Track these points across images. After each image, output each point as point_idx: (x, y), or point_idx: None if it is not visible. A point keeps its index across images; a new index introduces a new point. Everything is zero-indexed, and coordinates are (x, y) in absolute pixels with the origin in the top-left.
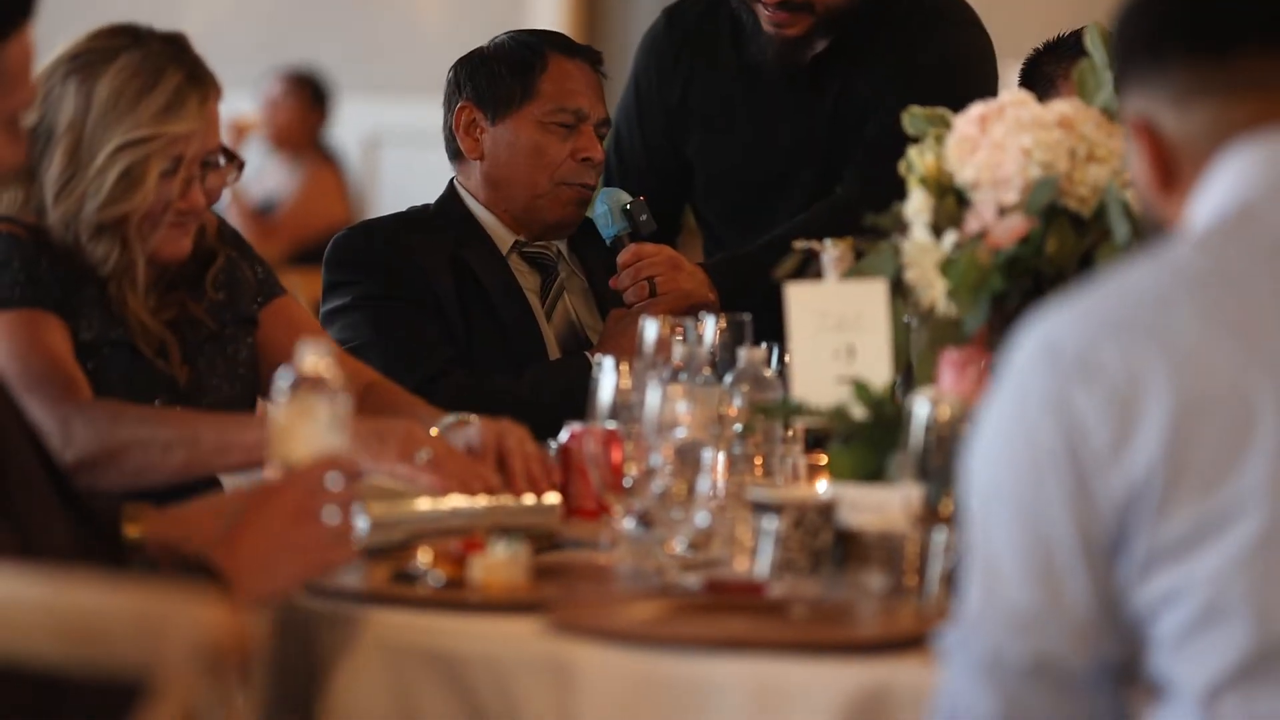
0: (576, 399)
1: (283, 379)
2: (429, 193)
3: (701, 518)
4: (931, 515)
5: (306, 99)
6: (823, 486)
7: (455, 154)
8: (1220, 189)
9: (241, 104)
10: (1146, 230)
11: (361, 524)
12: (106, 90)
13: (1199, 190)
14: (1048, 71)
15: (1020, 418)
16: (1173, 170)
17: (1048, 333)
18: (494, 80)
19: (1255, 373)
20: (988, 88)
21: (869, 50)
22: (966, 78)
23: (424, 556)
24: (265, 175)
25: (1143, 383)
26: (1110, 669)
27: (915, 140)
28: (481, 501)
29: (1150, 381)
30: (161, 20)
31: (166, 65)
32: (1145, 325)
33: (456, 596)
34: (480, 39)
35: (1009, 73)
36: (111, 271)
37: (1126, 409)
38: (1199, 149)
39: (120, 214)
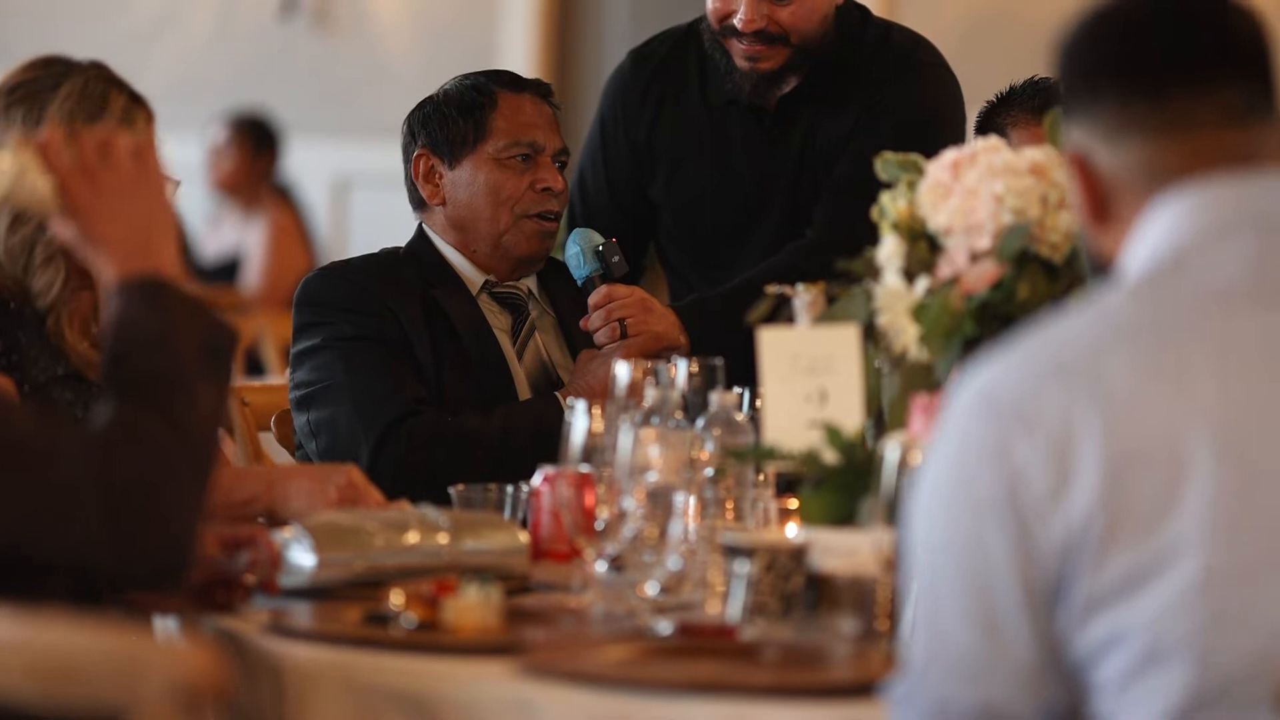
0: (548, 439)
1: None
2: (399, 235)
3: (673, 561)
4: (903, 560)
5: (249, 145)
6: (794, 531)
7: (419, 203)
8: (1153, 236)
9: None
10: (1086, 261)
11: (310, 561)
12: (59, 116)
13: (1133, 236)
14: (999, 123)
15: (960, 467)
16: (1106, 204)
17: (985, 383)
18: (446, 124)
19: (1187, 421)
20: (955, 132)
21: (836, 91)
22: (933, 122)
23: (396, 599)
24: (222, 228)
25: (1078, 431)
26: (1055, 716)
27: (884, 183)
28: (442, 540)
29: (1085, 430)
30: (132, 59)
31: (108, 88)
32: (1080, 374)
33: (429, 639)
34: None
35: (973, 118)
36: (51, 303)
37: (1064, 457)
38: (1131, 185)
39: None
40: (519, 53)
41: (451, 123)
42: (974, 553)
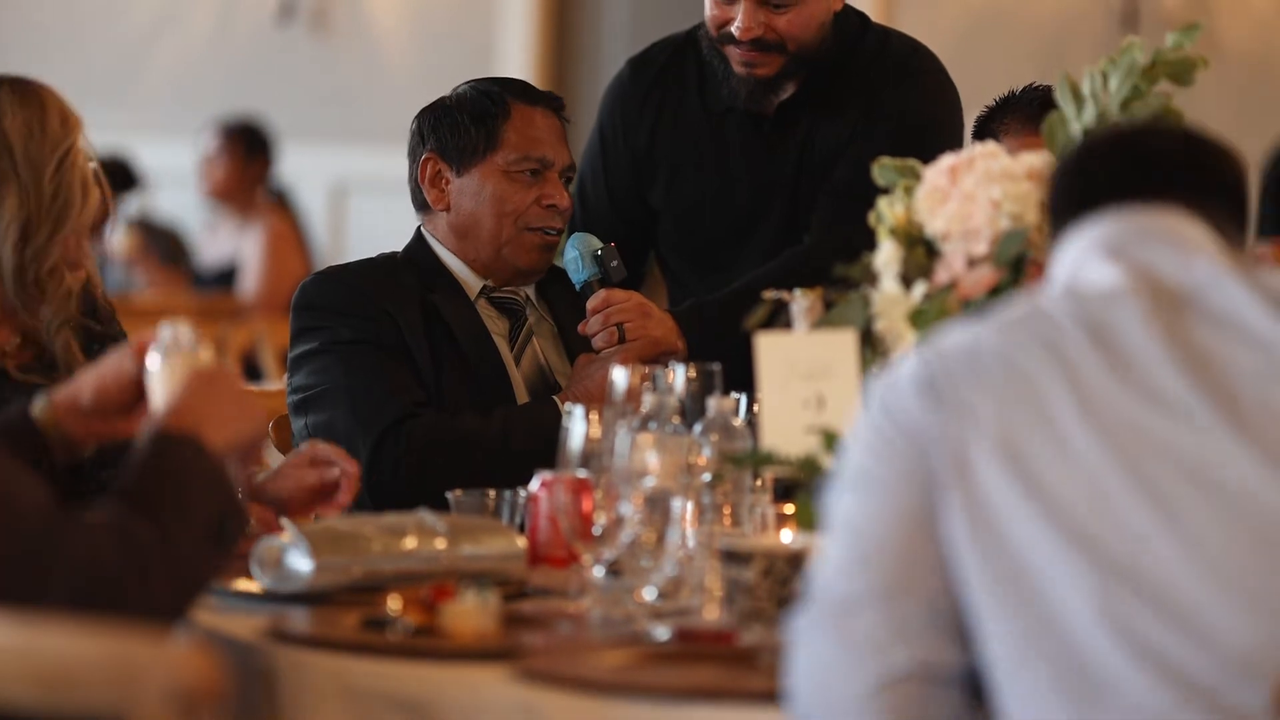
0: (545, 442)
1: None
2: (397, 241)
3: (671, 566)
4: None
5: (240, 152)
6: (790, 536)
7: (421, 205)
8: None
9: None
10: None
11: (307, 566)
12: (17, 124)
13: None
14: (993, 130)
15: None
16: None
17: (912, 363)
18: (457, 131)
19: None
20: (952, 138)
21: (835, 98)
22: (930, 128)
23: (394, 604)
24: (219, 235)
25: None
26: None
27: (882, 189)
28: (439, 545)
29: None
30: (130, 63)
31: (39, 89)
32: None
33: (426, 644)
34: (448, 87)
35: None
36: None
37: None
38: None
39: (83, 226)
40: (517, 57)
41: (463, 130)
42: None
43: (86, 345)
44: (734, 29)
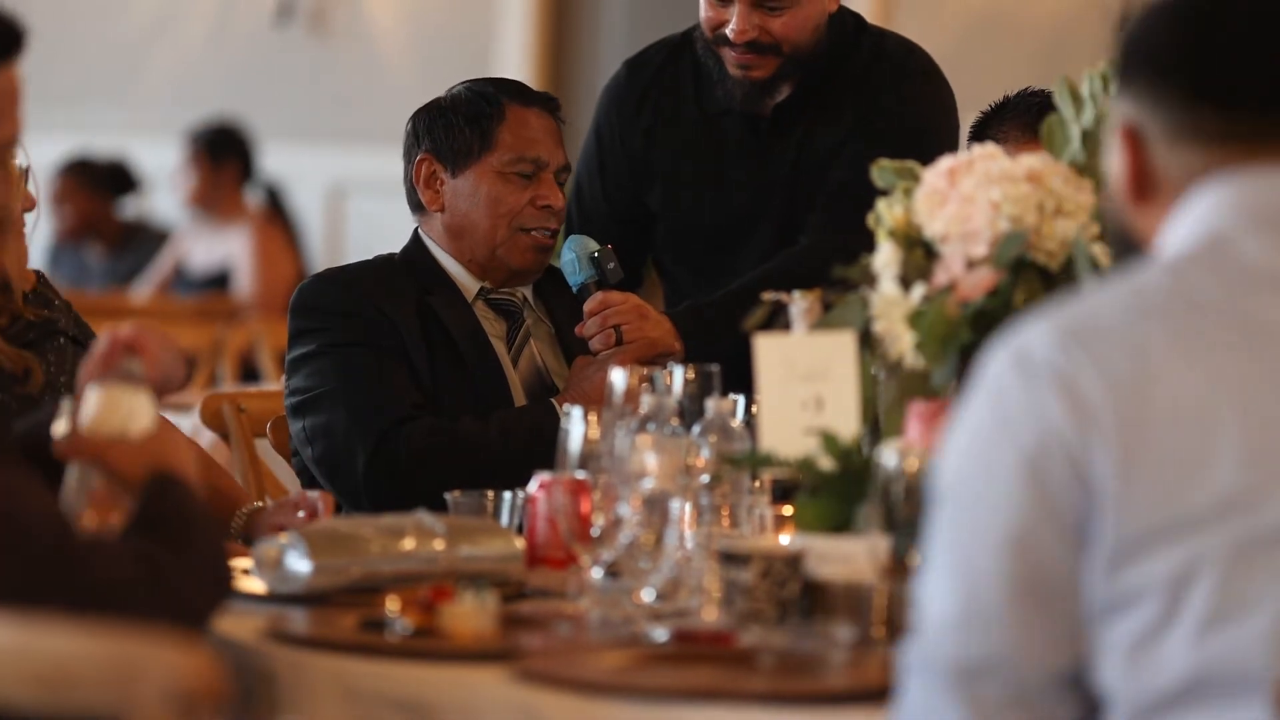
0: (543, 444)
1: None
2: (395, 242)
3: (669, 568)
4: (899, 567)
5: (205, 159)
6: (789, 537)
7: (416, 205)
8: (1192, 219)
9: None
10: (1110, 230)
11: (306, 567)
12: None
13: (1173, 217)
14: (990, 136)
15: (996, 424)
16: (1148, 187)
17: (1020, 343)
18: (452, 132)
19: (1214, 393)
20: (948, 140)
21: (831, 99)
22: (926, 130)
23: (392, 605)
24: (208, 241)
25: (1106, 394)
26: (1064, 681)
27: (880, 190)
28: (438, 546)
29: (1112, 393)
30: (128, 64)
31: None
32: (1111, 341)
33: (425, 645)
34: (446, 88)
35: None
36: None
37: (1091, 418)
38: (1179, 180)
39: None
40: (515, 59)
41: (458, 131)
42: (1010, 507)
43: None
44: (729, 31)
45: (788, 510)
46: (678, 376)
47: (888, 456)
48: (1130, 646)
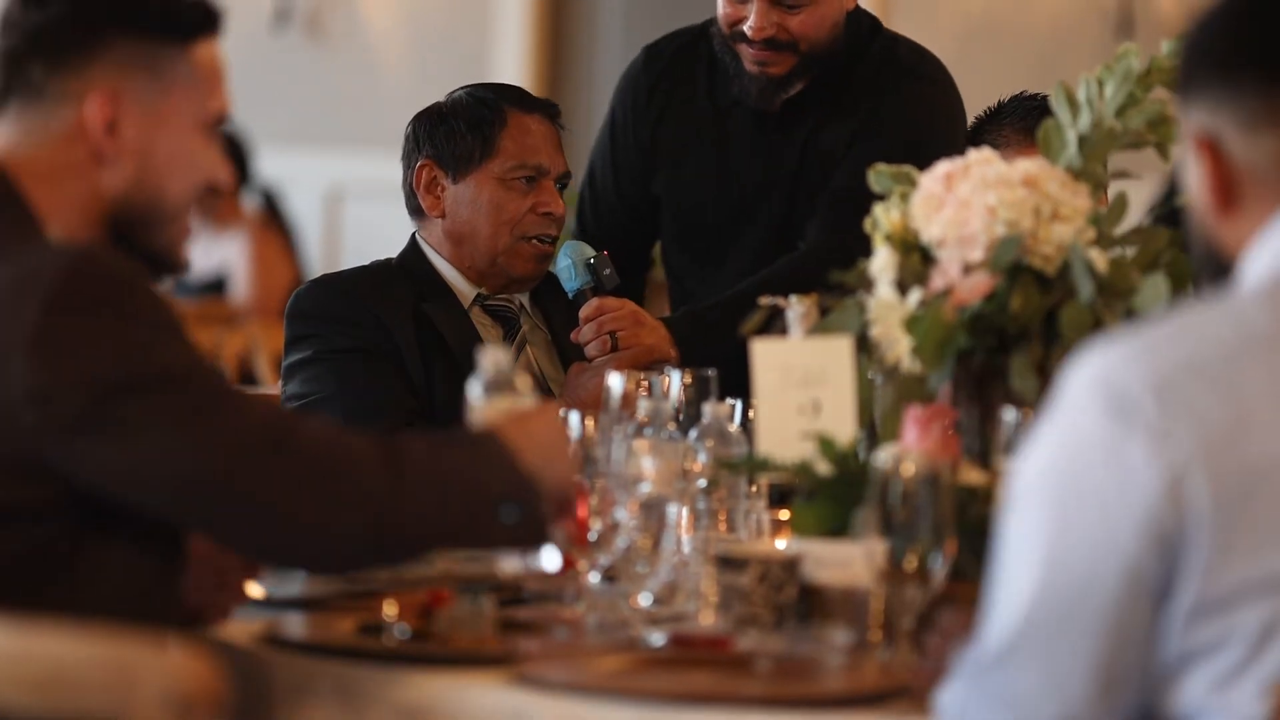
0: None
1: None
2: (392, 247)
3: (666, 572)
4: (895, 571)
5: None
6: (786, 542)
7: (416, 210)
8: None
9: None
10: (1195, 253)
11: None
12: None
13: (1263, 234)
14: (986, 141)
15: (1076, 456)
16: (1234, 193)
17: (1110, 370)
18: (453, 138)
19: None
20: (954, 146)
21: (839, 99)
22: (933, 137)
23: (390, 609)
24: (205, 246)
25: (1203, 435)
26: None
27: (880, 196)
28: None
29: (1211, 435)
30: None
31: None
32: (1212, 378)
33: (422, 649)
34: (443, 93)
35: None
36: None
37: (1183, 460)
38: (1264, 176)
39: None
40: (512, 64)
41: (459, 137)
42: (1080, 547)
43: None
44: (746, 28)
45: (785, 514)
46: (675, 381)
47: (884, 461)
48: (1208, 688)
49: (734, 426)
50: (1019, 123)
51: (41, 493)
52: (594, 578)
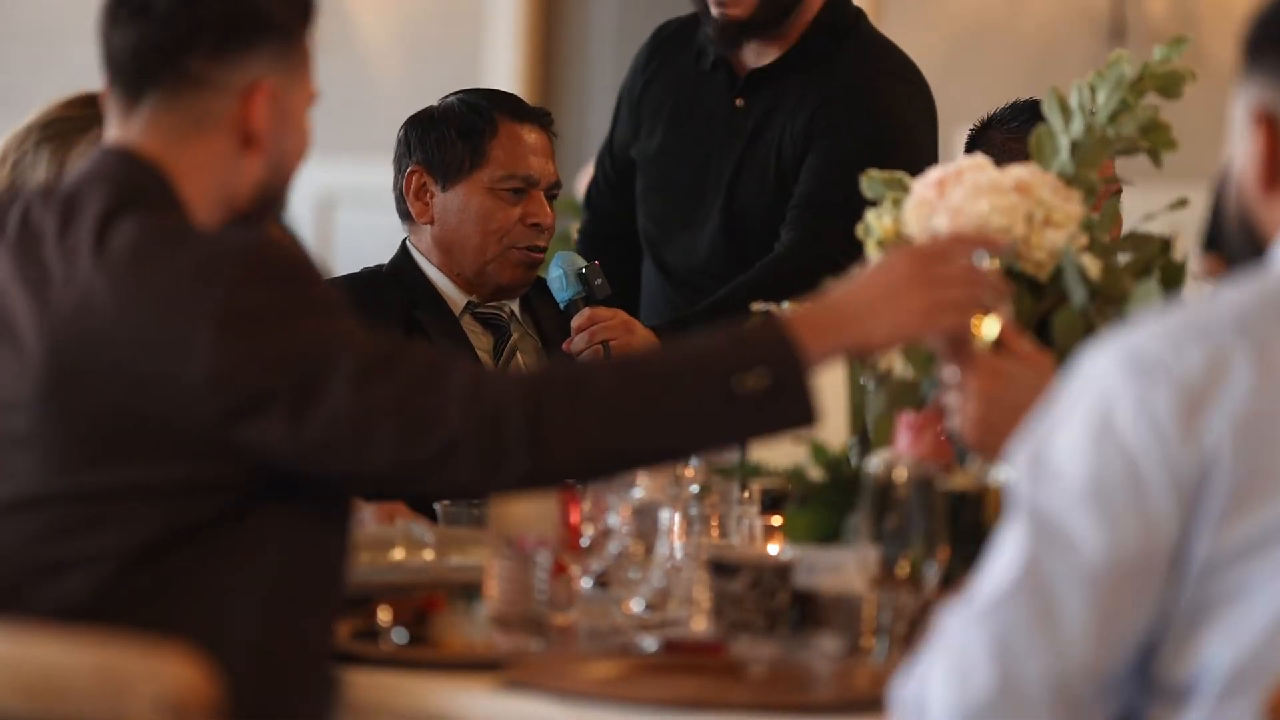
0: None
1: None
2: (384, 254)
3: (658, 578)
4: (888, 577)
5: None
6: (778, 548)
7: (405, 215)
8: None
9: None
10: (1229, 227)
11: None
12: (80, 160)
13: None
14: (983, 146)
15: (1101, 424)
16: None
17: (1127, 344)
18: (444, 145)
19: None
20: (922, 151)
21: (804, 80)
22: (895, 139)
23: (383, 615)
24: None
25: (1216, 386)
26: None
27: (851, 196)
28: (428, 556)
29: (1225, 386)
30: None
31: None
32: (1226, 332)
33: (416, 654)
34: (436, 100)
35: (958, 136)
36: None
37: (1196, 411)
38: None
39: None
40: (505, 71)
41: (450, 144)
42: (1117, 509)
43: None
44: None
45: (777, 520)
46: None
47: (877, 467)
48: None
49: None
50: (1013, 131)
51: (221, 467)
52: (586, 583)
